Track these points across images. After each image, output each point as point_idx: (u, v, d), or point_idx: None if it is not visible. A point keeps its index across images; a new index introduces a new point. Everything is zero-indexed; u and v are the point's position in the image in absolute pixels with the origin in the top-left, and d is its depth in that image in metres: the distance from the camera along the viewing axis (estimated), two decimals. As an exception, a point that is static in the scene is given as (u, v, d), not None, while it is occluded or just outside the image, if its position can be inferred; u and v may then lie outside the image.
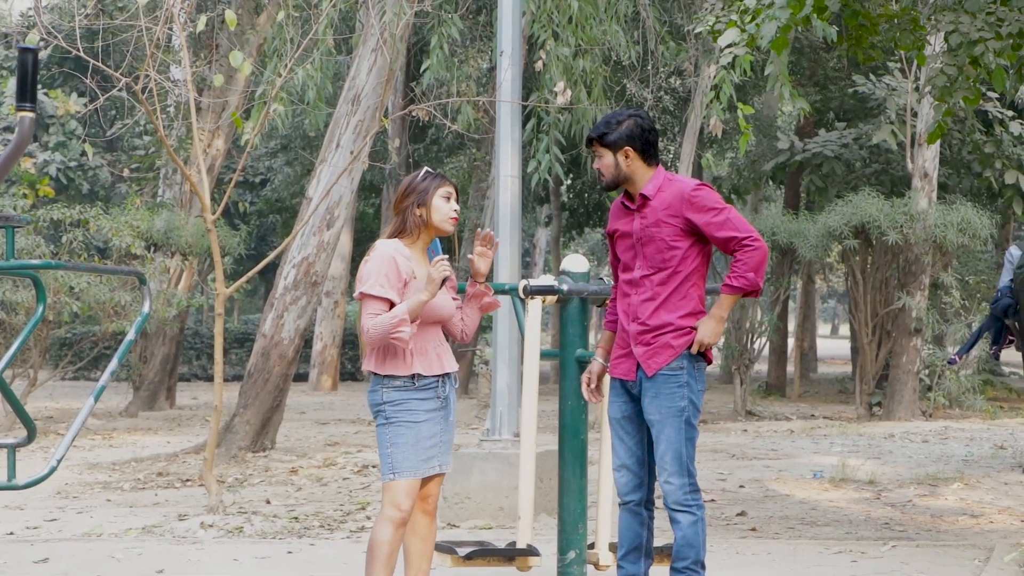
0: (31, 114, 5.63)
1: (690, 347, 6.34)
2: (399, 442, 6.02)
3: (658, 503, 6.80)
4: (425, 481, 6.18)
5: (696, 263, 6.39)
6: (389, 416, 6.03)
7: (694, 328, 6.35)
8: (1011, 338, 15.19)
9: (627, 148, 6.41)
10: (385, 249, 6.03)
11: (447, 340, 6.34)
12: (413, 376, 6.03)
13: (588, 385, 6.74)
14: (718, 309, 6.34)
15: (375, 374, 6.07)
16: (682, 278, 6.36)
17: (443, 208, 6.16)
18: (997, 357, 15.09)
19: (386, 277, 5.95)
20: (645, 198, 6.41)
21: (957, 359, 14.88)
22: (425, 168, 6.24)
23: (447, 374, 6.16)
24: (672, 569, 6.43)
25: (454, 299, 6.33)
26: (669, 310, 6.35)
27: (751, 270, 6.25)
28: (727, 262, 18.89)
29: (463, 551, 7.31)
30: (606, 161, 6.46)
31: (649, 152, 6.46)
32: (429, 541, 6.26)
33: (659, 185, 6.42)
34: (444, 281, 6.05)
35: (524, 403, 7.43)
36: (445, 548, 7.34)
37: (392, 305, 5.95)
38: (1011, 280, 14.91)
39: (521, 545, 7.39)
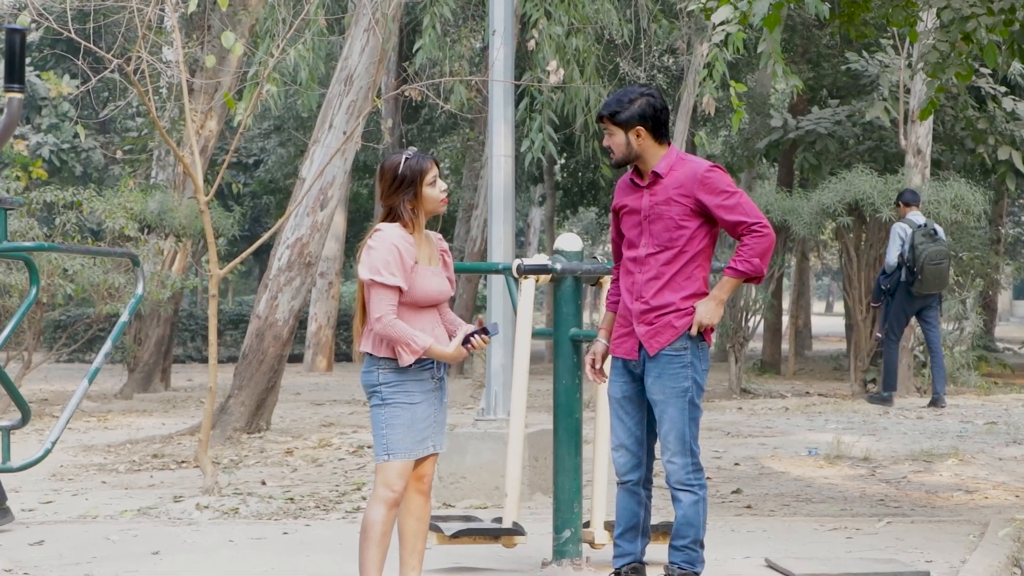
0: (20, 95, 5.63)
1: (690, 328, 6.35)
2: (394, 423, 6.05)
3: (656, 481, 6.81)
4: (420, 461, 6.20)
5: (703, 244, 6.40)
6: (385, 397, 6.05)
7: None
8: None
9: (639, 128, 6.41)
10: (390, 236, 6.04)
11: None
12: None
13: (592, 366, 6.75)
14: (719, 291, 6.35)
15: (370, 355, 6.08)
16: (688, 258, 6.37)
17: (432, 194, 6.17)
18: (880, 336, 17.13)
19: (393, 264, 5.98)
20: (657, 176, 6.41)
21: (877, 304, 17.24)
22: (404, 154, 6.19)
23: None
24: (671, 547, 6.46)
25: (448, 278, 6.33)
26: (673, 290, 6.36)
27: (757, 255, 6.26)
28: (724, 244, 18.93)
29: (449, 530, 7.33)
30: (617, 140, 6.45)
31: (660, 131, 6.46)
32: (424, 521, 6.29)
33: (671, 164, 6.42)
34: (467, 340, 6.14)
35: (514, 382, 7.44)
36: (432, 527, 7.36)
37: (401, 292, 6.01)
38: (899, 255, 16.42)
39: (507, 524, 7.41)
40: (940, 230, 16.94)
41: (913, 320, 19.32)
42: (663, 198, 6.38)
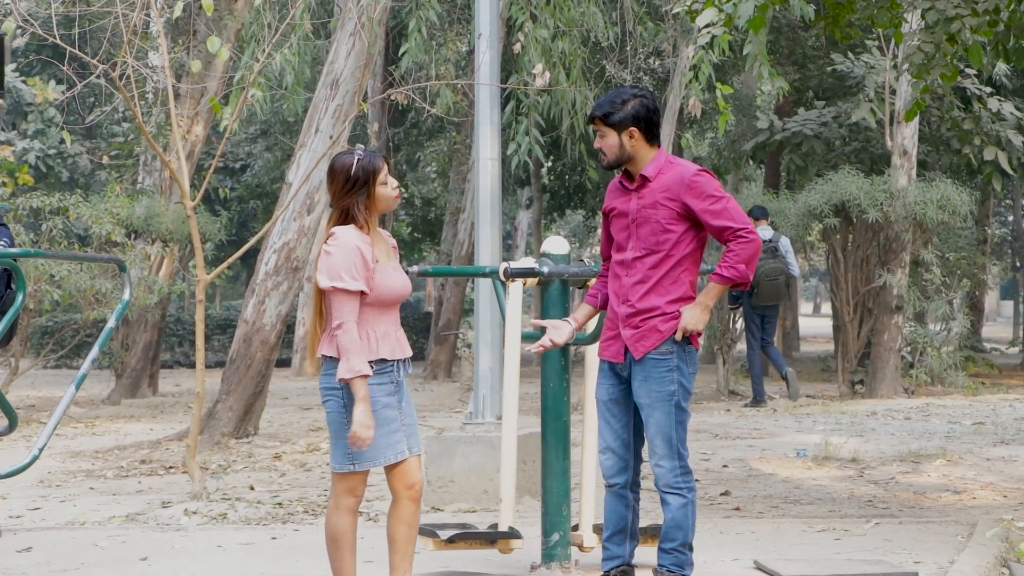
0: (0, 100, 5.63)
1: (675, 332, 6.34)
2: None
3: (645, 484, 6.81)
4: (404, 468, 6.13)
5: (690, 248, 6.38)
6: (347, 403, 5.96)
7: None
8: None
9: (632, 129, 6.39)
10: (348, 240, 5.97)
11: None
12: (374, 362, 5.99)
13: (543, 344, 6.79)
14: (704, 297, 6.34)
15: (332, 358, 6.01)
16: (674, 262, 6.35)
17: (386, 193, 6.10)
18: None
19: (355, 268, 5.91)
20: (645, 179, 6.40)
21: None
22: (356, 153, 6.10)
23: (404, 359, 6.13)
24: (660, 550, 6.45)
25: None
26: (659, 294, 6.35)
27: (742, 262, 6.24)
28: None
29: (445, 534, 7.31)
30: (609, 141, 6.43)
31: (652, 132, 6.45)
32: (415, 527, 6.22)
33: (660, 167, 6.41)
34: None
35: (505, 386, 7.43)
36: (427, 532, 7.34)
37: (363, 295, 5.94)
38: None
39: (503, 528, 7.40)
40: (784, 245, 18.03)
41: (900, 320, 19.37)
42: (650, 201, 6.37)
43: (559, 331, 6.75)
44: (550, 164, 33.67)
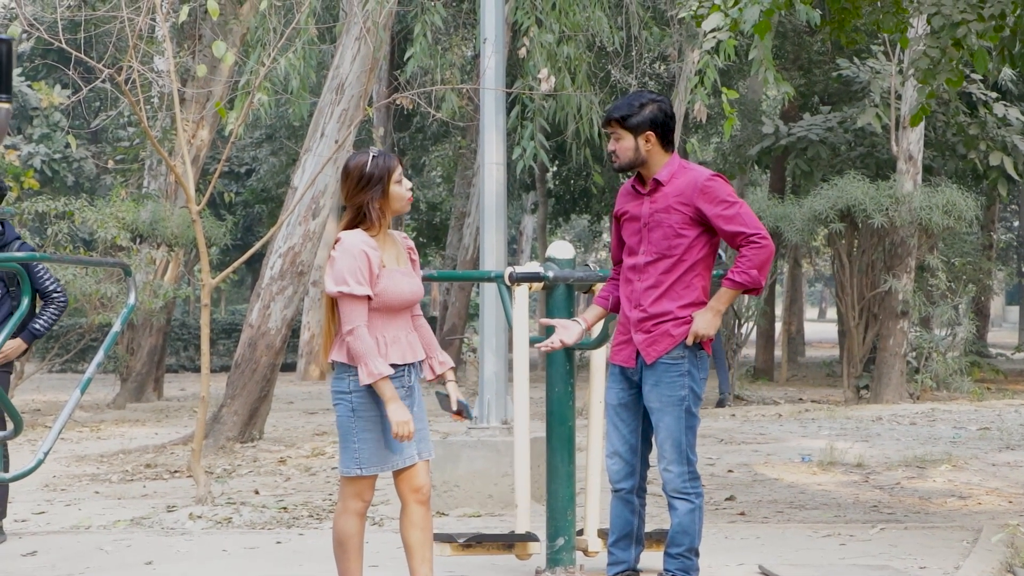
0: (7, 105, 5.62)
1: (687, 337, 6.32)
2: (366, 437, 5.96)
3: (650, 489, 6.80)
4: (413, 472, 6.12)
5: (702, 253, 6.36)
6: (356, 407, 5.95)
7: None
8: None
9: (649, 133, 6.36)
10: (353, 243, 5.92)
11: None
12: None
13: (552, 342, 6.72)
14: (716, 302, 6.32)
15: (342, 363, 6.00)
16: (686, 267, 6.32)
17: (400, 192, 6.06)
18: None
19: (360, 272, 5.88)
20: (658, 183, 6.38)
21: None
22: (371, 152, 6.09)
23: (415, 362, 6.11)
24: (666, 555, 6.44)
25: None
26: (671, 299, 6.33)
27: (755, 267, 6.21)
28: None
29: (461, 539, 7.32)
30: (624, 144, 6.40)
31: (668, 138, 6.42)
32: (427, 531, 6.17)
33: (673, 171, 6.38)
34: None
35: (516, 391, 7.41)
36: (443, 537, 7.33)
37: (370, 300, 5.93)
38: None
39: (520, 531, 7.39)
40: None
41: (906, 325, 19.36)
42: (663, 205, 6.34)
43: (568, 331, 6.72)
44: (555, 169, 33.68)
